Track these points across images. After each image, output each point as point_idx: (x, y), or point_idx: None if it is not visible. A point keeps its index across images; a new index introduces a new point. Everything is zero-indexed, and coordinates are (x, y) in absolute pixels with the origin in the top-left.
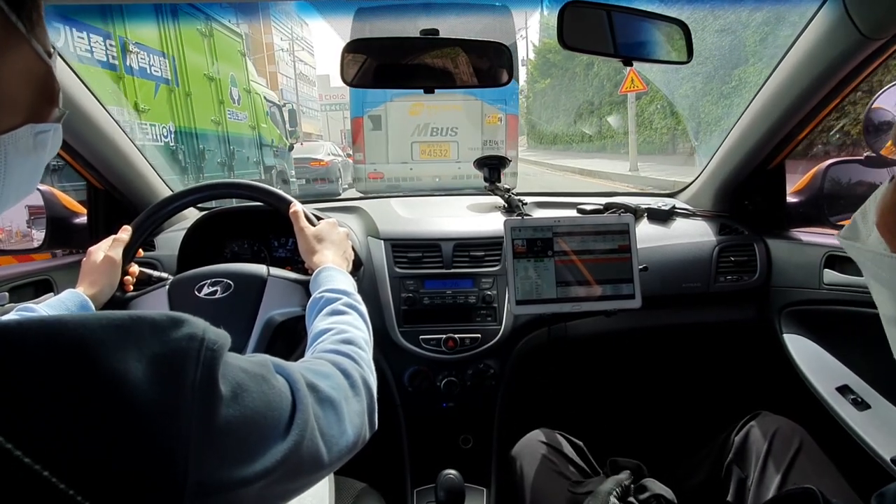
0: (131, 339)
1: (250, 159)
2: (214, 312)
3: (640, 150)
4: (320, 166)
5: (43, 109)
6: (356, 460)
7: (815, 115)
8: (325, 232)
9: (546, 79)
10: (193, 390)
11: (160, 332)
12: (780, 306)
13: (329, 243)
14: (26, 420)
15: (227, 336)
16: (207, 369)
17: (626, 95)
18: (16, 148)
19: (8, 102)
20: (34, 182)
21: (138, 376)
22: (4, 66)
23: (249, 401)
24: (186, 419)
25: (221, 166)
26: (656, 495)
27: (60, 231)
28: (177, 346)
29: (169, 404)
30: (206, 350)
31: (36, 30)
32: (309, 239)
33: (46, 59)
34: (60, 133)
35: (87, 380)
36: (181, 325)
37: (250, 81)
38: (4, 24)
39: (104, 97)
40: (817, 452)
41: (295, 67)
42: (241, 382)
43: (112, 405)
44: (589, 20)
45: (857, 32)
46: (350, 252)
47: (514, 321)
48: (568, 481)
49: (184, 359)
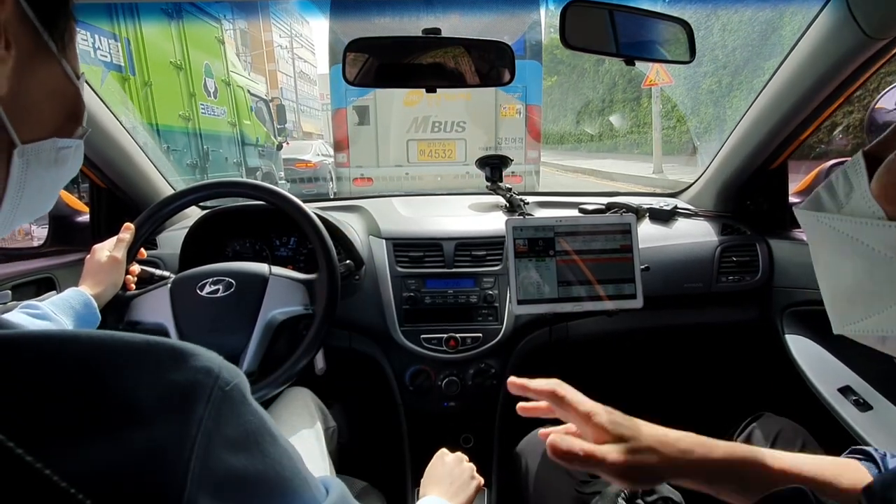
0: (146, 365)
1: (229, 160)
2: (216, 311)
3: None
4: (307, 168)
5: (67, 126)
6: (357, 459)
7: (818, 116)
8: (443, 472)
9: (553, 76)
10: (199, 429)
11: (175, 362)
12: (783, 307)
13: (446, 477)
14: (35, 430)
15: (243, 376)
16: (217, 410)
17: (640, 92)
18: (38, 159)
19: (34, 116)
20: (53, 197)
21: (146, 406)
22: (33, 80)
23: (258, 454)
24: (187, 457)
25: (192, 168)
26: (664, 497)
27: (63, 229)
28: (191, 380)
29: (173, 439)
30: (217, 389)
31: (67, 51)
32: (430, 475)
33: (75, 81)
34: (82, 150)
35: (95, 400)
36: (198, 358)
37: (231, 72)
38: (36, 42)
39: None
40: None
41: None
42: (251, 432)
43: (116, 429)
44: (591, 20)
45: (861, 32)
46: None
47: (515, 321)
48: (574, 480)
49: (196, 394)
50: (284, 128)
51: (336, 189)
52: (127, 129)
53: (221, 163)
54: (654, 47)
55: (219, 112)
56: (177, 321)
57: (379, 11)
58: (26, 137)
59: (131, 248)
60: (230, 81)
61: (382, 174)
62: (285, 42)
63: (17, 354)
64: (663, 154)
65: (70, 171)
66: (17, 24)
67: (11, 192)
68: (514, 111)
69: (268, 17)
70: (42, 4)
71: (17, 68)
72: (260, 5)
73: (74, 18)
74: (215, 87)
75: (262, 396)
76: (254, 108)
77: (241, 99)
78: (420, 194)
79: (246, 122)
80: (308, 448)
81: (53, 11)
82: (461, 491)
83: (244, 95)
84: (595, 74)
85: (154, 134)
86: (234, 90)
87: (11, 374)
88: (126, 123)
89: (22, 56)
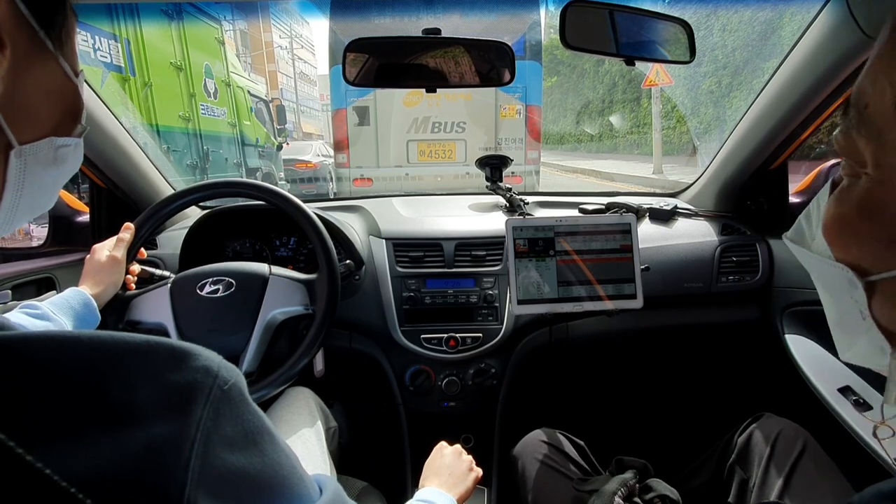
0: (147, 366)
1: (229, 160)
2: (216, 311)
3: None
4: (307, 168)
5: (65, 125)
6: (358, 459)
7: (818, 116)
8: (441, 464)
9: (553, 77)
10: (198, 429)
11: (175, 362)
12: (783, 307)
13: (444, 469)
14: (36, 430)
15: (241, 375)
16: (215, 409)
17: (640, 92)
18: (36, 160)
19: (32, 115)
20: (53, 196)
21: (147, 406)
22: (30, 80)
23: (257, 453)
24: (186, 457)
25: (192, 168)
26: (661, 496)
27: (63, 229)
28: (191, 380)
29: (173, 439)
30: (216, 389)
31: (64, 48)
32: (429, 467)
33: (73, 79)
34: (81, 149)
35: (96, 401)
36: (197, 358)
37: (231, 73)
38: (33, 41)
39: None
40: (821, 455)
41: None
42: (249, 431)
43: (118, 428)
44: (591, 20)
45: (860, 32)
46: (460, 475)
47: (515, 321)
48: (571, 480)
49: (195, 394)
50: (284, 128)
51: (336, 189)
52: (127, 129)
53: (221, 163)
54: (654, 47)
55: (219, 113)
56: (177, 321)
57: (379, 12)
58: (24, 138)
59: (131, 247)
60: (230, 82)
61: (382, 174)
62: (285, 43)
63: (17, 356)
64: (663, 154)
65: (70, 169)
66: (12, 23)
67: (10, 193)
68: (515, 112)
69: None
70: (38, 2)
71: (13, 69)
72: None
73: (74, 13)
74: (215, 87)
75: (262, 396)
76: (254, 108)
77: (241, 99)
78: (420, 194)
79: (246, 123)
80: (309, 448)
81: (50, 9)
82: (460, 482)
83: (244, 96)
84: (595, 75)
85: (154, 134)
86: (234, 91)
87: (12, 375)
88: (126, 124)
89: (18, 56)
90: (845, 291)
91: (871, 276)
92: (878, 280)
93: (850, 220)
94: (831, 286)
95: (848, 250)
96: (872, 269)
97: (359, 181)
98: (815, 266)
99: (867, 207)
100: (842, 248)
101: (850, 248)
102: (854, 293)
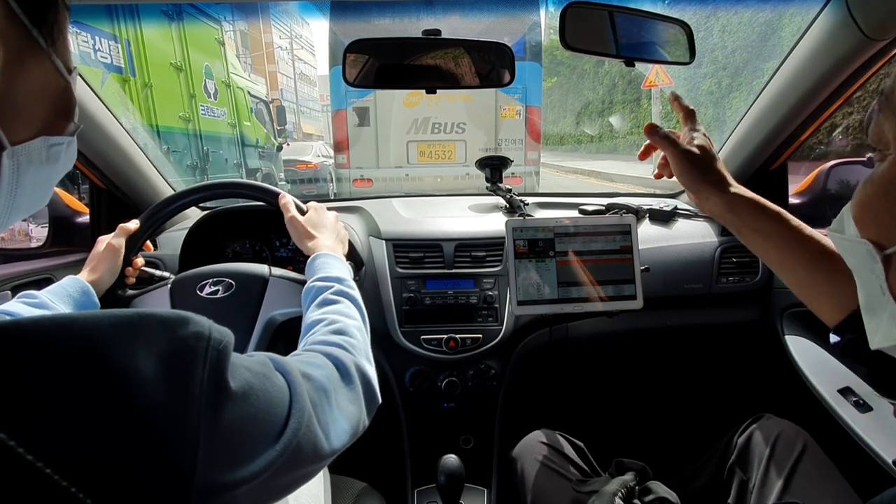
0: (140, 337)
1: (229, 161)
2: (216, 312)
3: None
4: (307, 169)
5: (58, 123)
6: (357, 460)
7: (818, 117)
8: (316, 217)
9: (553, 77)
10: (201, 390)
11: (168, 331)
12: (783, 307)
13: (322, 227)
14: (31, 418)
15: (231, 334)
16: (214, 369)
17: (640, 93)
18: (28, 159)
19: (24, 114)
20: (46, 195)
21: (147, 375)
22: (22, 78)
23: (254, 399)
24: (195, 419)
25: (192, 169)
26: (661, 498)
27: (63, 230)
28: (185, 345)
29: (178, 404)
30: (212, 349)
31: (57, 45)
32: (301, 225)
33: (66, 75)
34: (75, 146)
35: (96, 377)
36: (188, 324)
37: (231, 74)
38: (25, 38)
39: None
40: (821, 456)
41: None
42: (247, 381)
43: (120, 404)
44: (591, 21)
45: (860, 33)
46: (344, 233)
47: (515, 322)
48: (570, 481)
49: (192, 358)
50: (284, 129)
51: (336, 190)
52: (127, 130)
53: (221, 164)
54: (653, 48)
55: (219, 113)
56: None
57: (379, 13)
58: (16, 138)
59: (137, 239)
60: (230, 83)
61: (382, 175)
62: (285, 43)
63: (12, 339)
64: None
65: (63, 167)
66: (3, 21)
67: (4, 193)
68: (514, 112)
69: (268, 19)
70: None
71: (4, 68)
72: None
73: (66, 7)
74: (215, 88)
75: None
76: (254, 109)
77: (242, 100)
78: (420, 195)
79: (246, 124)
80: None
81: (42, 5)
82: (344, 241)
83: (244, 97)
84: (595, 76)
85: (154, 135)
86: (234, 91)
87: (8, 358)
88: (126, 124)
89: (10, 55)
90: (867, 267)
91: (888, 250)
92: (892, 253)
93: (872, 199)
94: (858, 266)
95: (869, 228)
96: (888, 243)
97: (359, 182)
98: (845, 248)
99: (886, 185)
100: (865, 226)
101: (870, 226)
102: (874, 267)
